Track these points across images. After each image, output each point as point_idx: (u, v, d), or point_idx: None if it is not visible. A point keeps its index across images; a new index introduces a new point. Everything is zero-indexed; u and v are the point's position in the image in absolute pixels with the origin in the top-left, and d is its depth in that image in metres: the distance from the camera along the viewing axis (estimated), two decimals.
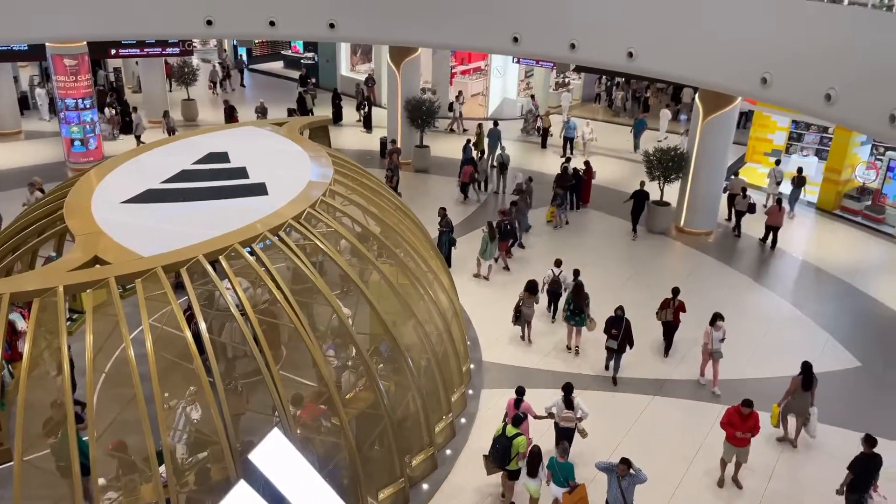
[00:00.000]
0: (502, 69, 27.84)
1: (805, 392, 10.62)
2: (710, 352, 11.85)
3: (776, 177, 19.34)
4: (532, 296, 13.01)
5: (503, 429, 9.22)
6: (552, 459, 9.04)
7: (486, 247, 15.20)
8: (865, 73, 11.95)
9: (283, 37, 28.07)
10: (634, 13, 16.33)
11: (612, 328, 12.06)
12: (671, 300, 12.89)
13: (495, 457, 9.25)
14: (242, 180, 10.41)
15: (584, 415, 10.07)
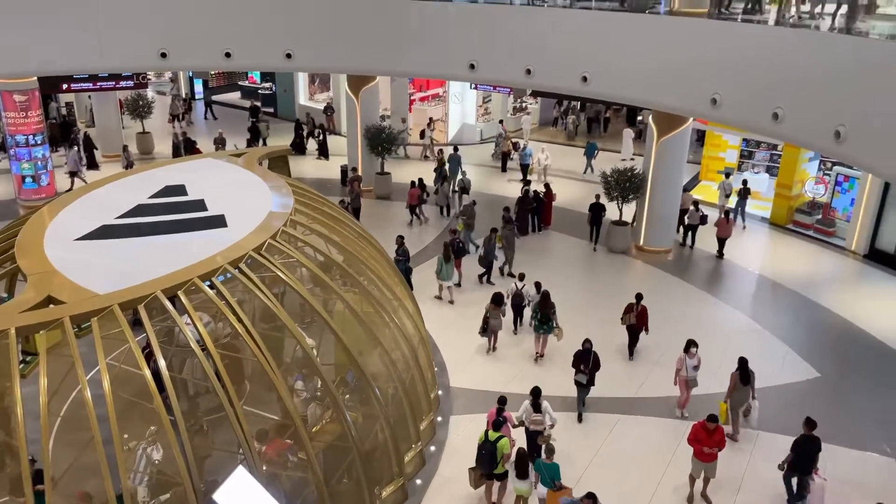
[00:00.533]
0: (460, 95, 28.16)
1: (745, 386, 11.27)
2: (685, 379, 11.74)
3: (725, 189, 20.17)
4: (498, 307, 13.47)
5: (486, 434, 9.55)
6: (538, 461, 9.40)
7: (441, 267, 15.47)
8: (810, 92, 12.37)
9: (239, 68, 28.03)
10: (587, 40, 16.71)
11: (580, 363, 11.66)
12: (634, 305, 13.44)
13: (483, 462, 9.52)
14: (200, 213, 10.26)
15: (553, 421, 10.45)
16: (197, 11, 18.61)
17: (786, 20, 14.74)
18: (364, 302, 10.28)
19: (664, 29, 15.87)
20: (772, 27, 14.46)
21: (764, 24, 14.85)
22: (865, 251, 18.10)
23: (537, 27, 17.59)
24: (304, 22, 19.09)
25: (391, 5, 19.71)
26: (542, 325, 13.24)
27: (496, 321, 13.50)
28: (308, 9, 19.61)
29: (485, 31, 18.14)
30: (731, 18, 15.50)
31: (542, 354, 13.52)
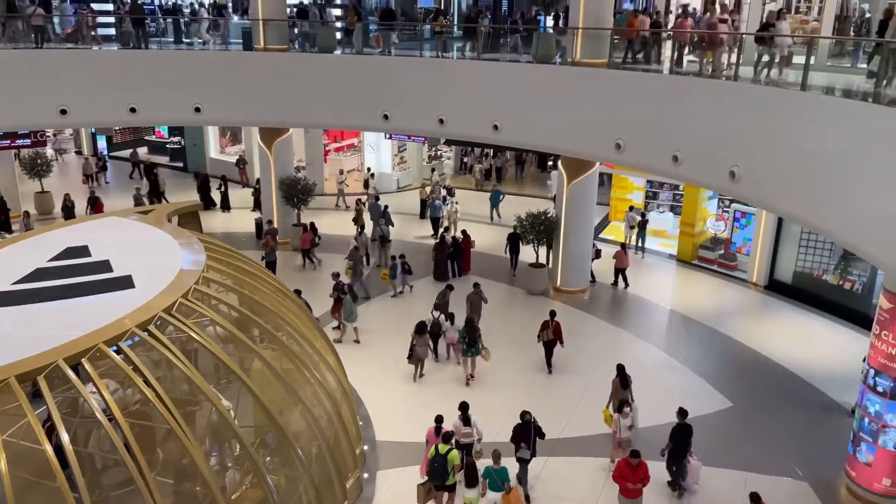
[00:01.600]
0: (375, 145, 28.37)
1: (624, 390, 12.29)
2: (619, 440, 11.57)
3: (629, 221, 21.71)
4: (422, 335, 14.24)
5: (436, 449, 10.08)
6: (487, 468, 10.07)
7: (351, 309, 15.69)
8: (706, 135, 13.15)
9: (145, 123, 27.28)
10: (497, 89, 17.25)
11: (520, 439, 10.94)
12: (549, 321, 14.66)
13: (435, 475, 10.06)
14: (105, 274, 9.80)
15: (479, 435, 11.12)
16: (99, 67, 18.15)
17: (680, 69, 15.66)
18: (283, 358, 10.01)
19: (568, 78, 16.60)
20: (668, 76, 15.35)
21: (660, 72, 15.76)
22: (765, 282, 19.15)
23: (449, 78, 18.06)
24: (213, 75, 18.91)
25: (302, 58, 19.87)
26: (470, 347, 14.16)
27: (422, 349, 14.23)
28: (217, 63, 19.48)
29: (397, 82, 18.47)
30: (629, 68, 16.38)
31: (472, 376, 14.30)
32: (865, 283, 16.96)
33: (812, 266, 18.15)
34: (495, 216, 24.68)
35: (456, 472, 10.09)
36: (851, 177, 9.58)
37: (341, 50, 20.23)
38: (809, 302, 18.00)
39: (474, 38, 19.78)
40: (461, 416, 11.05)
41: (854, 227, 9.68)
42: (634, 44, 16.25)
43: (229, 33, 21.62)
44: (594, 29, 16.28)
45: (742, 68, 13.14)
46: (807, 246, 18.09)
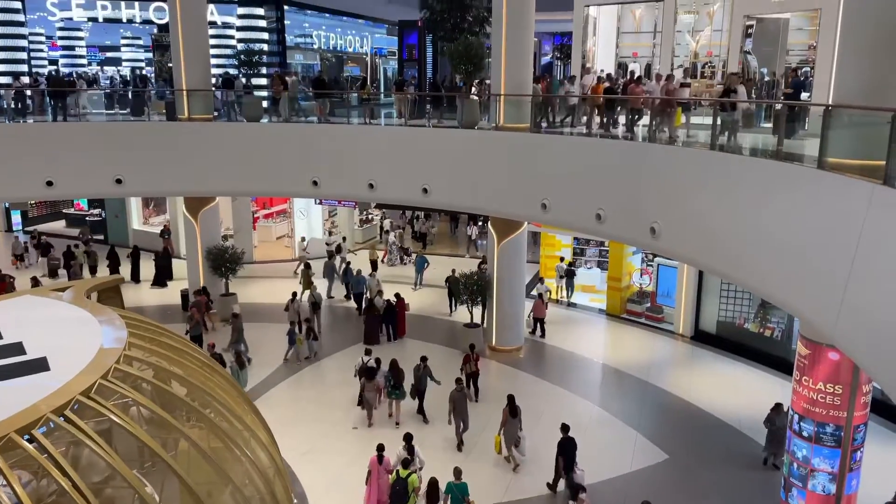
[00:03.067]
0: (305, 211, 28.24)
1: (513, 419, 13.13)
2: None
3: (559, 271, 22.71)
4: (371, 381, 14.74)
5: (396, 473, 11.03)
6: (449, 483, 10.83)
7: (237, 376, 15.54)
8: (626, 193, 13.70)
9: (63, 196, 26.46)
10: (425, 154, 17.63)
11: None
12: (470, 355, 16.11)
13: (397, 498, 10.85)
14: (18, 357, 9.22)
15: (421, 463, 11.92)
16: (12, 140, 17.60)
17: (598, 132, 16.38)
18: (211, 436, 9.58)
19: (493, 142, 17.10)
20: (588, 139, 15.97)
21: (580, 135, 16.42)
22: (691, 333, 19.76)
23: (378, 143, 18.33)
24: (135, 146, 18.58)
25: (228, 127, 19.80)
26: (394, 390, 14.88)
27: (371, 394, 14.77)
28: (139, 133, 19.20)
29: (326, 148, 18.60)
30: (550, 131, 17.02)
31: (397, 422, 14.78)
32: (784, 329, 17.72)
33: (734, 315, 18.87)
34: (418, 285, 24.20)
35: (416, 494, 11.03)
36: (760, 229, 10.12)
37: (268, 118, 20.30)
38: (734, 350, 18.65)
39: (401, 105, 20.22)
40: (405, 446, 11.90)
41: (767, 276, 10.17)
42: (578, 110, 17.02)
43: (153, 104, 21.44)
44: (588, 96, 16.89)
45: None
46: (728, 296, 18.85)
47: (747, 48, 19.33)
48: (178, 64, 19.81)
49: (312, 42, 33.64)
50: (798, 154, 10.51)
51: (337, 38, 35.89)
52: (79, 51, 28.37)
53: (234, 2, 27.22)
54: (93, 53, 28.90)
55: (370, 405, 14.84)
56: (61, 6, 26.90)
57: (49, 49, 27.45)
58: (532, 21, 17.46)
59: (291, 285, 21.58)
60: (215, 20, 26.80)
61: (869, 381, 10.73)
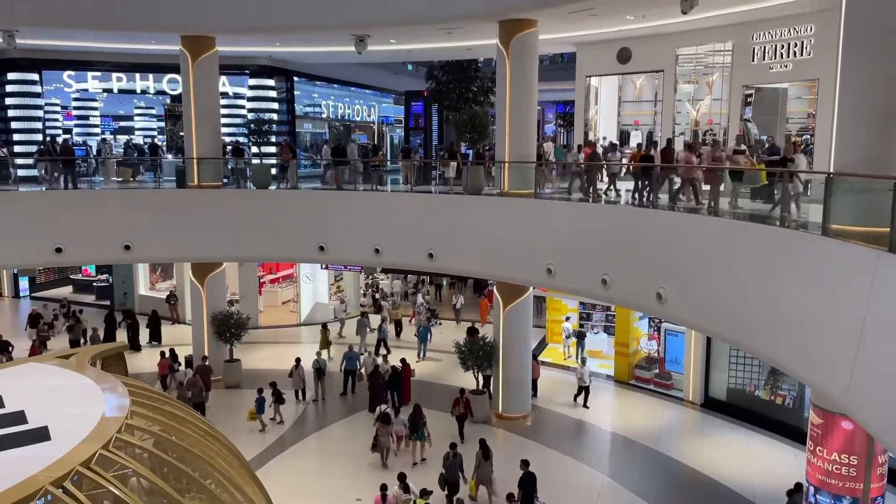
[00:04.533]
0: (311, 275, 28.34)
1: (486, 461, 13.96)
2: None
3: (565, 331, 22.56)
4: (386, 426, 15.79)
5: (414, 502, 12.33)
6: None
7: None
8: (632, 259, 13.73)
9: (72, 263, 26.71)
10: (431, 219, 17.85)
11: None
12: (459, 398, 17.24)
13: None
14: (20, 427, 9.11)
15: (415, 497, 12.82)
16: (23, 208, 17.90)
17: (602, 198, 16.54)
18: None
19: (498, 208, 17.28)
20: (592, 204, 16.14)
21: (585, 202, 16.59)
22: (701, 400, 19.42)
23: (384, 209, 18.57)
24: (144, 213, 18.85)
25: (237, 194, 20.11)
26: (413, 433, 15.90)
27: (385, 439, 15.77)
28: (149, 200, 19.51)
29: (333, 214, 18.84)
30: (555, 198, 17.22)
31: (414, 462, 15.79)
32: (796, 397, 17.41)
33: (744, 382, 18.59)
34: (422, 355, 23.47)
35: None
36: (767, 296, 10.08)
37: (276, 185, 20.62)
38: (745, 418, 18.27)
39: (408, 171, 20.55)
40: (400, 485, 13.04)
41: (775, 344, 10.07)
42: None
43: (163, 172, 21.88)
44: (613, 163, 17.17)
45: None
46: (737, 362, 18.62)
47: (747, 116, 19.71)
48: (189, 133, 20.29)
49: (321, 111, 34.47)
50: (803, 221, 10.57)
51: (345, 108, 36.79)
52: (93, 120, 29.07)
53: (245, 73, 28.02)
54: (106, 123, 29.62)
55: (384, 448, 15.84)
56: (77, 78, 27.72)
57: (64, 119, 28.14)
58: (535, 91, 17.91)
59: (296, 351, 21.48)
60: (227, 91, 27.55)
61: (885, 451, 10.48)
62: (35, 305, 28.16)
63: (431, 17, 17.91)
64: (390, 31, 20.22)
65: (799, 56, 17.60)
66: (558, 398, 19.71)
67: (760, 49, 18.54)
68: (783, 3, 16.01)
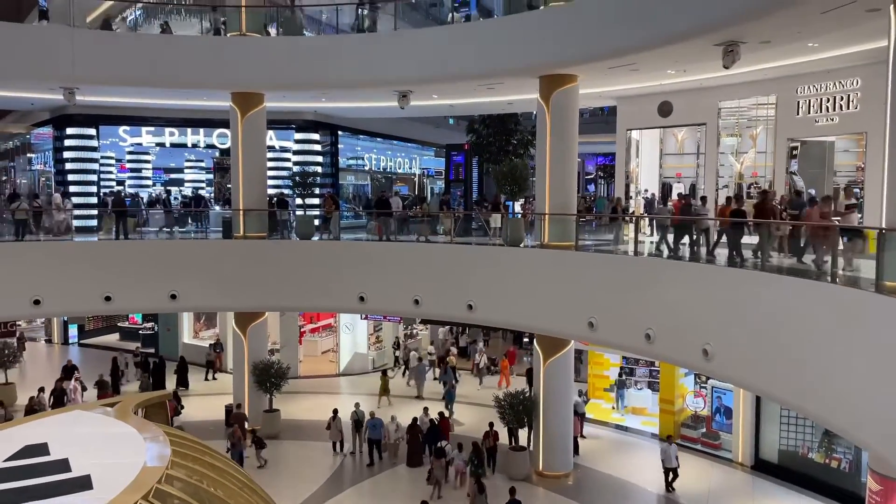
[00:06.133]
0: (351, 325, 28.44)
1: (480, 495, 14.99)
2: None
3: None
4: (438, 459, 16.83)
5: None
6: None
7: None
8: (678, 314, 13.45)
9: (120, 311, 27.35)
10: (471, 270, 17.86)
11: None
12: (489, 431, 18.29)
13: None
14: (63, 475, 9.21)
15: None
16: (76, 257, 18.48)
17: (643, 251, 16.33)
18: None
19: (538, 260, 17.22)
20: (635, 257, 15.90)
21: (625, 254, 16.43)
22: (751, 462, 18.64)
23: (423, 260, 18.64)
24: (191, 263, 19.29)
25: (281, 245, 20.48)
26: (477, 467, 16.87)
27: (440, 472, 16.76)
28: (196, 251, 19.96)
29: (374, 264, 19.02)
30: (596, 250, 17.08)
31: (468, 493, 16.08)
32: (852, 460, 16.60)
33: (796, 444, 17.83)
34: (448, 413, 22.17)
35: None
36: (821, 354, 9.73)
37: (319, 236, 20.94)
38: (798, 482, 17.45)
39: (448, 223, 20.67)
40: None
41: (829, 404, 9.67)
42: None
43: (210, 223, 22.46)
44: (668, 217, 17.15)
45: None
46: (789, 422, 17.90)
47: (793, 169, 19.41)
48: (236, 185, 20.85)
49: (364, 164, 35.15)
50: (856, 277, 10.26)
51: (387, 160, 37.47)
52: (145, 173, 30.11)
53: (291, 127, 28.84)
54: (158, 175, 30.65)
55: (438, 481, 16.73)
56: (132, 133, 28.88)
57: (118, 171, 29.20)
58: (575, 144, 17.99)
59: (335, 402, 21.41)
60: (273, 144, 28.34)
61: None
62: (83, 353, 28.74)
63: (474, 74, 18.27)
64: (433, 87, 20.66)
65: (845, 109, 17.38)
66: (601, 456, 19.13)
67: (805, 102, 18.38)
68: (827, 56, 15.90)
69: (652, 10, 14.16)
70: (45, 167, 30.09)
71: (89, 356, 31.27)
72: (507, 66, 17.42)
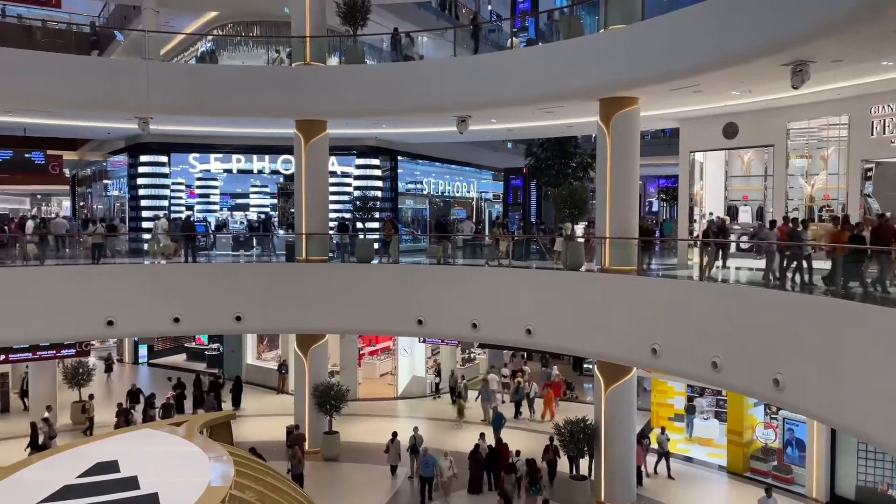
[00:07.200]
0: (409, 348, 28.52)
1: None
2: None
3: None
4: (508, 475, 17.29)
5: None
6: None
7: None
8: (746, 341, 12.97)
9: (188, 332, 28.16)
10: (529, 295, 17.70)
11: None
12: (549, 446, 18.66)
13: None
14: (132, 492, 9.51)
15: None
16: (147, 280, 19.15)
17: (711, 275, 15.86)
18: None
19: (599, 285, 16.93)
20: (702, 283, 15.44)
21: (690, 279, 16.01)
22: (827, 498, 17.71)
23: (482, 284, 18.59)
24: (255, 286, 19.75)
25: (341, 268, 20.79)
26: (532, 486, 17.10)
27: (510, 487, 17.30)
28: (260, 274, 20.45)
29: (431, 288, 19.08)
30: (643, 273, 16.72)
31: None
32: None
33: (875, 479, 16.88)
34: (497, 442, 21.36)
35: None
36: None
37: (378, 259, 21.17)
38: None
39: (507, 246, 20.60)
40: None
41: None
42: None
43: (274, 247, 23.02)
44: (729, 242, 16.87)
45: None
46: (867, 456, 16.98)
47: (867, 191, 18.63)
48: (299, 209, 21.31)
49: (422, 188, 35.48)
50: None
51: (445, 184, 37.72)
52: (213, 198, 31.14)
53: (353, 153, 29.43)
54: (225, 200, 31.63)
55: (508, 496, 17.09)
56: (201, 160, 29.99)
57: (187, 197, 30.28)
58: (637, 167, 17.71)
59: (393, 425, 21.42)
60: (335, 170, 28.93)
61: None
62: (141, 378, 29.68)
63: (533, 98, 18.27)
64: (491, 112, 20.76)
65: None
66: (666, 488, 18.50)
67: (880, 122, 17.66)
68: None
69: (715, 29, 13.89)
70: (120, 193, 31.48)
71: (157, 374, 32.31)
72: (566, 89, 17.36)
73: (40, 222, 22.33)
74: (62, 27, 23.10)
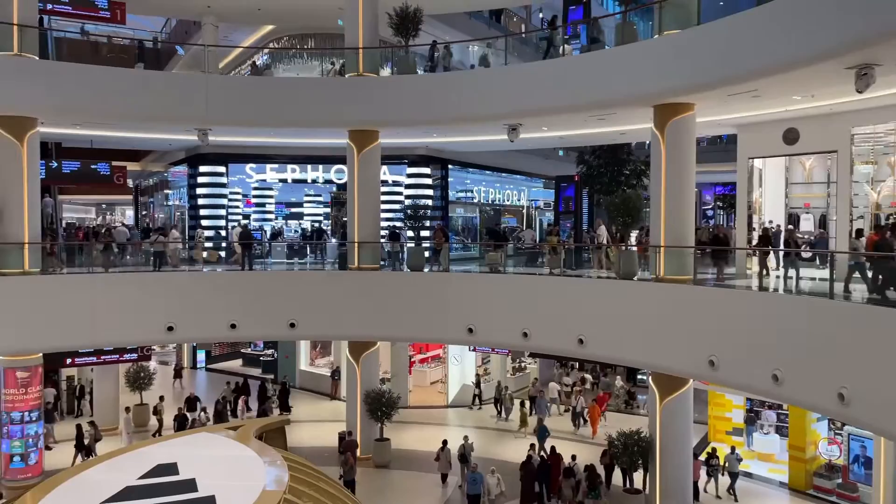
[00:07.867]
0: (459, 357, 28.51)
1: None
2: None
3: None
4: (567, 479, 17.60)
5: None
6: None
7: None
8: (808, 354, 12.54)
9: (243, 338, 28.79)
10: (581, 304, 17.49)
11: None
12: (607, 450, 18.31)
13: None
14: (190, 494, 9.74)
15: None
16: (206, 287, 19.67)
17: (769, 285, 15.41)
18: None
19: (654, 294, 16.61)
20: (762, 293, 15.01)
21: (747, 289, 15.55)
22: None
23: (532, 292, 18.45)
24: (309, 293, 20.07)
25: (393, 276, 20.95)
26: (591, 491, 17.14)
27: (567, 491, 17.60)
28: (314, 281, 20.78)
29: (482, 296, 19.05)
30: (718, 285, 16.29)
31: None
32: None
33: None
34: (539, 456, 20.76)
35: None
36: None
37: (429, 268, 21.26)
38: None
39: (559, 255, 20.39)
40: None
41: None
42: None
43: (327, 254, 23.39)
44: None
45: None
46: None
47: None
48: (352, 218, 21.59)
49: (473, 196, 35.53)
50: None
51: (495, 193, 37.69)
52: (268, 207, 31.84)
53: (404, 162, 29.69)
54: (280, 209, 32.31)
55: (566, 500, 17.45)
56: (258, 170, 30.73)
57: (244, 206, 31.04)
58: (692, 174, 17.35)
59: (443, 433, 21.44)
60: (387, 179, 29.23)
61: None
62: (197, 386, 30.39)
63: (585, 105, 18.12)
64: (543, 120, 20.67)
65: None
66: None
67: None
68: None
69: (774, 33, 13.52)
70: (180, 202, 32.48)
71: (214, 379, 33.08)
72: (619, 96, 17.16)
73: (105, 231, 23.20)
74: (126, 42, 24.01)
